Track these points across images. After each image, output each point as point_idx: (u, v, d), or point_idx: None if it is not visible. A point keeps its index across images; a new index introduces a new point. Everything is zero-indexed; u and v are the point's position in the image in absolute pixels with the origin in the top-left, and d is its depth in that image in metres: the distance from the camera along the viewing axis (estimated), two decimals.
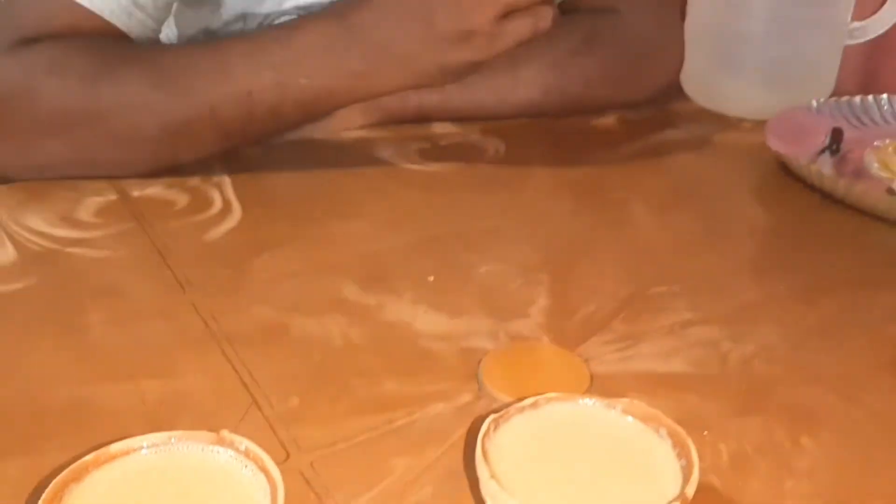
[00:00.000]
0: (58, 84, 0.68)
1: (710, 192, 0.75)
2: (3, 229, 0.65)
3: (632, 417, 0.40)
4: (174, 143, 0.70)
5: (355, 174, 0.77)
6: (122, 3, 0.72)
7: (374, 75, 0.67)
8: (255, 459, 0.36)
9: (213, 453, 0.37)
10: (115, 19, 0.72)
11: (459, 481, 0.43)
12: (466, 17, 0.63)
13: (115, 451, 0.37)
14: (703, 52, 0.94)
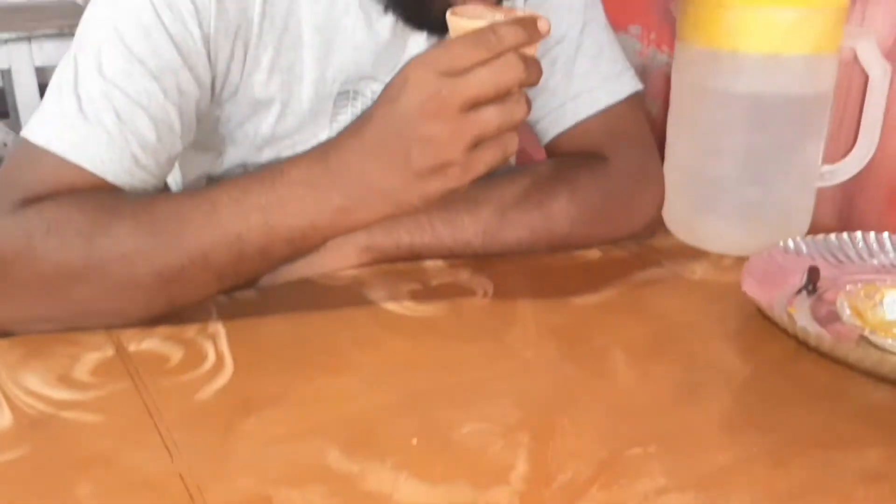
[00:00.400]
0: (57, 243, 0.70)
1: (690, 338, 0.76)
2: (2, 391, 0.66)
3: None
4: (169, 289, 0.72)
5: (346, 321, 0.78)
6: (124, 165, 0.74)
7: (357, 209, 0.70)
8: None
9: None
10: (118, 180, 0.74)
11: None
12: (440, 152, 0.66)
13: None
14: (681, 193, 0.96)
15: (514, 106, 0.66)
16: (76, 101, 0.73)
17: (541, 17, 0.66)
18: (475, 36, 0.64)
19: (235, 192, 0.71)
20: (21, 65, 2.02)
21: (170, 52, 0.75)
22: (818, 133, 0.92)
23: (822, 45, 0.87)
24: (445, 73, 0.64)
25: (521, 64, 0.64)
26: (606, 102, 0.95)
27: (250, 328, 0.76)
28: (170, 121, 0.76)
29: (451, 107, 0.64)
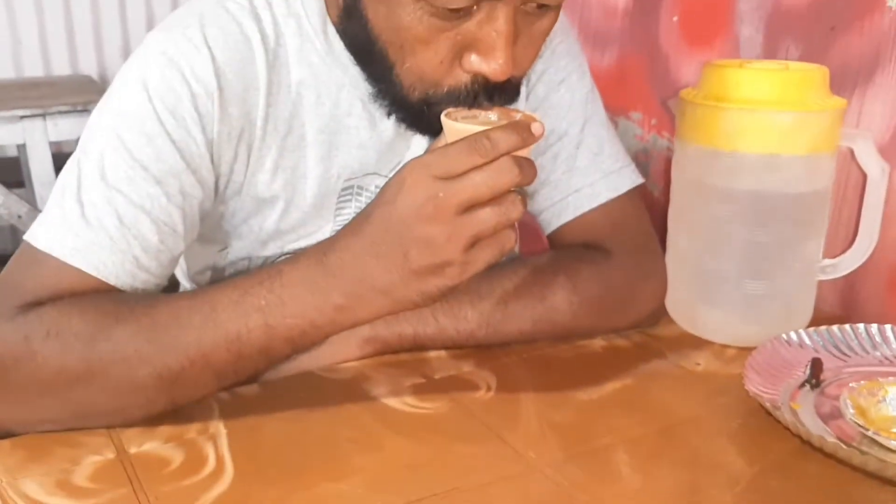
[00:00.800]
0: (57, 348, 0.69)
1: (694, 437, 0.74)
2: (2, 498, 0.64)
3: None
4: (169, 389, 0.71)
5: (348, 419, 0.77)
6: (126, 268, 0.74)
7: (357, 307, 0.70)
8: None
9: None
10: (121, 283, 0.74)
11: None
12: (438, 252, 0.66)
13: None
14: (683, 284, 0.95)
15: (510, 206, 0.66)
16: (79, 206, 0.73)
17: (535, 122, 0.66)
18: (470, 141, 0.65)
19: (235, 294, 0.70)
20: (36, 140, 2.03)
21: (173, 157, 0.75)
22: (818, 228, 0.92)
23: (820, 145, 0.87)
24: (441, 177, 0.65)
25: (514, 167, 0.64)
26: (607, 196, 0.94)
27: (251, 428, 0.74)
28: (172, 223, 0.76)
29: (447, 209, 0.65)
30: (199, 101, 0.76)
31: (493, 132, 0.65)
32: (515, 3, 0.70)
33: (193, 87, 0.76)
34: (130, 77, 0.77)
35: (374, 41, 0.75)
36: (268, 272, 0.71)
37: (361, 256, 0.68)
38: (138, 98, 0.75)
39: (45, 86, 2.38)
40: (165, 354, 0.70)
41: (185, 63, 0.76)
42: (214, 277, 0.94)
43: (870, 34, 0.97)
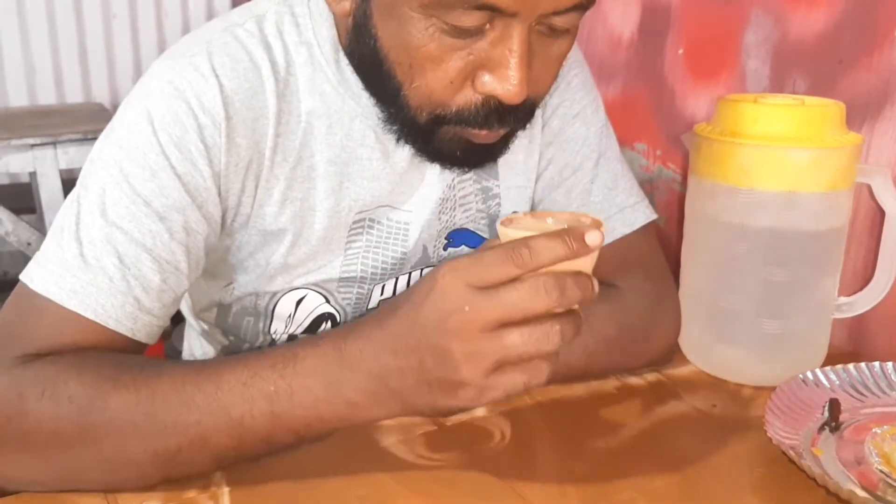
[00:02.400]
0: (51, 411, 0.64)
1: (715, 487, 0.69)
2: None
3: None
4: (164, 467, 0.66)
5: (356, 475, 0.70)
6: (126, 310, 0.69)
7: (369, 406, 0.63)
8: None
9: None
10: (121, 327, 0.69)
11: None
12: (454, 370, 0.59)
13: None
14: (698, 321, 0.90)
15: (544, 335, 0.57)
16: (77, 245, 0.68)
17: (591, 230, 0.58)
18: (508, 249, 0.57)
19: (244, 375, 0.64)
20: (46, 168, 1.98)
21: (177, 192, 0.70)
22: (834, 266, 0.87)
23: (838, 182, 0.82)
24: (474, 286, 0.58)
25: (555, 288, 0.57)
26: (622, 232, 0.89)
27: (256, 486, 0.68)
28: (175, 261, 0.71)
29: (472, 327, 0.58)
30: (205, 132, 0.71)
31: (534, 240, 0.57)
32: (530, 22, 0.64)
33: (200, 118, 0.70)
34: (134, 107, 0.71)
35: (381, 61, 0.70)
36: (282, 355, 0.65)
37: (380, 348, 0.62)
38: (142, 130, 0.70)
39: (57, 114, 2.33)
40: (163, 433, 0.64)
41: (191, 93, 0.71)
42: (220, 314, 0.88)
43: (878, 68, 0.93)
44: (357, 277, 0.85)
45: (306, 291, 0.85)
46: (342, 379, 0.62)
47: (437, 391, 0.61)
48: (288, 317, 0.86)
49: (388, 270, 0.86)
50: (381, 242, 0.85)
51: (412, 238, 0.86)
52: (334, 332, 0.65)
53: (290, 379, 0.63)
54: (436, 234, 0.87)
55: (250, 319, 0.87)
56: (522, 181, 0.91)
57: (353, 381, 0.62)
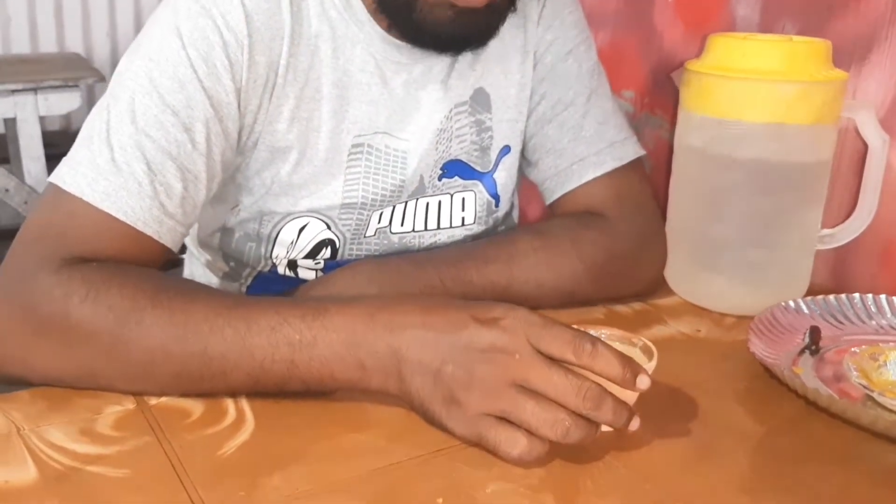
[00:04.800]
0: (90, 314, 0.68)
1: (701, 398, 0.74)
2: (25, 444, 0.63)
3: None
4: (182, 388, 0.70)
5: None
6: (153, 214, 0.73)
7: (373, 376, 0.67)
8: None
9: None
10: (148, 229, 0.74)
11: None
12: (466, 390, 0.63)
13: None
14: (684, 253, 0.95)
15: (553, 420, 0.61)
16: (108, 150, 0.73)
17: (643, 376, 0.62)
18: (576, 335, 0.62)
19: (274, 320, 0.67)
20: (26, 114, 2.00)
21: (203, 105, 0.75)
22: (818, 198, 0.92)
23: (823, 116, 0.87)
24: (533, 343, 0.62)
25: (593, 400, 0.61)
26: (612, 165, 0.94)
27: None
28: (196, 171, 0.76)
29: (509, 372, 0.62)
30: (230, 49, 0.76)
31: (602, 344, 0.62)
32: None
33: (225, 35, 0.76)
34: (163, 24, 0.76)
35: None
36: (313, 307, 0.68)
37: (410, 333, 0.65)
38: (172, 45, 0.75)
39: (35, 62, 2.35)
40: (188, 359, 0.68)
41: (216, 11, 0.76)
42: (224, 239, 0.93)
43: (865, 13, 0.98)
44: (357, 203, 0.89)
45: (308, 219, 0.89)
46: (363, 341, 0.66)
47: (437, 396, 0.64)
48: (290, 243, 0.91)
49: (387, 198, 0.91)
50: (381, 169, 0.90)
51: (410, 167, 0.91)
52: (370, 299, 0.69)
53: (317, 331, 0.67)
54: (432, 163, 0.92)
55: (252, 245, 0.92)
56: (514, 115, 0.96)
57: (371, 346, 0.66)
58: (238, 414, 0.68)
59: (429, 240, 0.96)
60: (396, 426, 0.68)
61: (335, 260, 0.92)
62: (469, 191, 0.96)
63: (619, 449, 0.66)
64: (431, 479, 0.61)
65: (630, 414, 0.62)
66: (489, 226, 0.99)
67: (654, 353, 0.69)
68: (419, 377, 0.65)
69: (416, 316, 0.66)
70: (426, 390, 0.65)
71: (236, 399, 0.70)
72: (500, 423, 0.63)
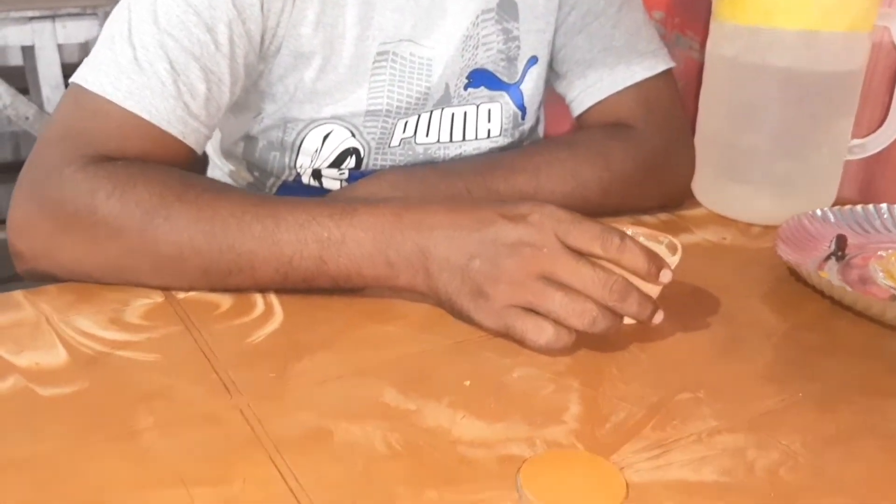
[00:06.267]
0: (118, 209, 0.69)
1: (726, 298, 0.75)
2: (54, 330, 0.65)
3: None
4: (211, 283, 0.71)
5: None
6: (177, 114, 0.74)
7: (401, 273, 0.67)
8: None
9: None
10: (172, 129, 0.74)
11: None
12: (493, 283, 0.64)
13: None
14: (712, 163, 0.95)
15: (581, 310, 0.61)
16: (131, 50, 0.73)
17: (666, 269, 0.63)
18: (604, 229, 0.63)
19: (302, 217, 0.68)
20: (44, 42, 2.00)
21: (225, 5, 0.75)
22: (850, 108, 0.92)
23: (858, 23, 0.86)
24: (561, 238, 0.63)
25: (618, 292, 0.61)
26: (643, 76, 0.94)
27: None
28: (220, 72, 0.76)
29: (536, 265, 0.63)
30: None
31: (630, 239, 0.63)
32: None
33: None
34: None
35: None
36: (341, 206, 0.69)
37: (438, 231, 0.66)
38: None
39: None
40: (217, 254, 0.69)
41: None
42: (247, 148, 0.93)
43: None
44: (382, 111, 0.90)
45: (333, 126, 0.90)
46: (391, 239, 0.67)
47: (465, 290, 0.65)
48: (314, 151, 0.91)
49: (413, 106, 0.91)
50: (406, 76, 0.90)
51: (436, 74, 0.90)
52: (398, 200, 0.70)
53: (345, 229, 0.67)
54: (458, 71, 0.92)
55: (276, 154, 0.92)
56: (542, 25, 0.95)
57: (399, 244, 0.67)
58: (266, 307, 0.70)
59: (454, 152, 0.97)
60: (423, 318, 0.69)
61: (360, 170, 0.93)
62: (495, 102, 0.96)
63: (644, 341, 0.67)
64: (459, 365, 0.63)
65: (654, 307, 0.63)
66: (515, 139, 1.00)
67: (679, 249, 0.69)
68: (446, 273, 0.66)
69: (444, 215, 0.67)
70: (453, 285, 0.66)
71: (265, 294, 0.71)
72: (526, 313, 0.63)
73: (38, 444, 0.52)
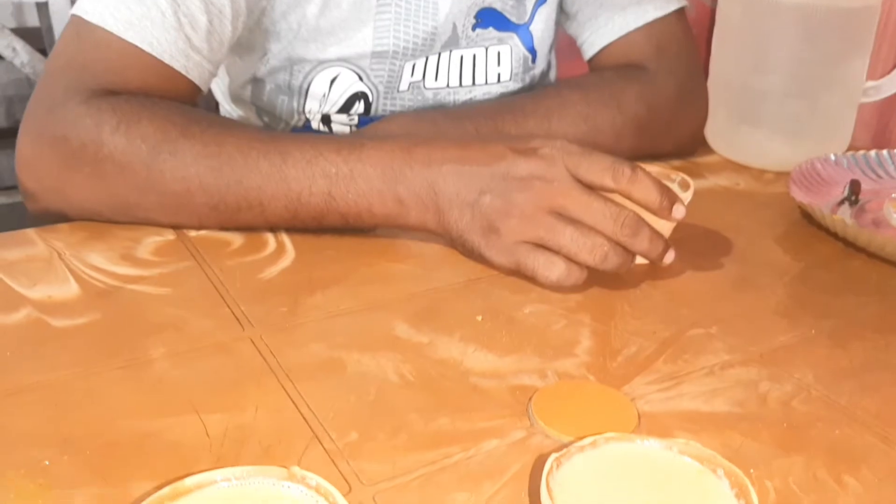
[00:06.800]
0: (123, 143, 0.68)
1: (739, 239, 0.74)
2: (66, 266, 0.65)
3: (689, 458, 0.39)
4: (220, 220, 0.70)
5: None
6: (179, 47, 0.73)
7: (412, 210, 0.66)
8: (325, 495, 0.36)
9: (284, 488, 0.36)
10: (175, 62, 0.73)
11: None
12: (504, 217, 0.63)
13: (190, 485, 0.36)
14: (726, 107, 0.94)
15: (592, 245, 0.61)
16: None
17: (678, 205, 0.62)
18: (614, 161, 0.62)
19: (309, 153, 0.67)
20: None
21: None
22: (864, 47, 0.90)
23: None
24: (572, 171, 0.62)
25: (630, 227, 0.61)
26: (654, 15, 0.92)
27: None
28: (220, 4, 0.74)
29: (547, 199, 0.61)
30: None
31: (641, 171, 0.61)
32: None
33: None
34: None
35: None
36: (349, 141, 0.68)
37: (448, 166, 0.65)
38: None
39: None
40: (225, 190, 0.67)
41: None
42: (255, 91, 0.92)
43: None
44: (389, 52, 0.88)
45: (340, 69, 0.88)
46: (400, 175, 0.65)
47: (475, 227, 0.64)
48: (322, 96, 0.90)
49: (419, 47, 0.90)
50: (411, 15, 0.88)
51: (442, 13, 0.89)
52: (406, 137, 0.69)
53: (353, 165, 0.66)
54: (465, 10, 0.90)
55: (284, 98, 0.91)
56: None
57: (409, 181, 0.65)
58: (278, 245, 0.69)
59: (464, 97, 0.95)
60: (435, 257, 0.69)
61: (368, 116, 0.92)
62: (504, 44, 0.95)
63: (656, 279, 0.66)
64: (471, 302, 0.62)
65: (665, 245, 0.62)
66: (526, 84, 0.98)
67: (691, 186, 0.68)
68: (457, 209, 0.65)
69: (454, 150, 0.66)
70: (464, 221, 0.65)
71: (276, 233, 0.71)
72: (538, 248, 0.63)
73: (51, 371, 0.52)
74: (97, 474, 0.44)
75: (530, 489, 0.43)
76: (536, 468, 0.44)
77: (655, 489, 0.38)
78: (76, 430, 0.47)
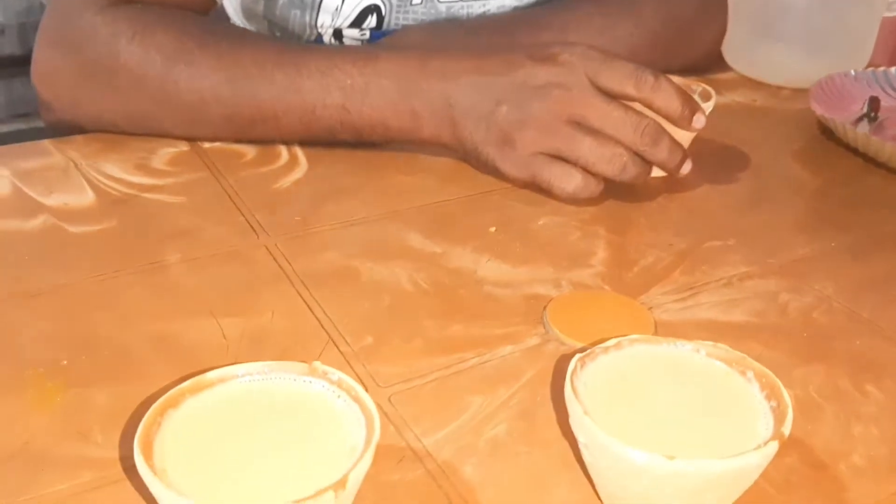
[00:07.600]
0: (138, 54, 0.66)
1: (757, 154, 0.72)
2: (83, 175, 0.64)
3: (717, 360, 0.38)
4: (235, 132, 0.69)
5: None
6: None
7: (426, 123, 0.64)
8: (347, 390, 0.35)
9: (306, 383, 0.36)
10: None
11: (532, 419, 0.42)
12: (520, 128, 0.61)
13: (212, 379, 0.35)
14: (745, 21, 0.91)
15: (611, 155, 0.59)
16: None
17: (699, 114, 0.60)
18: (637, 68, 0.59)
19: (323, 64, 0.65)
20: None
21: None
22: None
23: None
24: (592, 79, 0.59)
25: (650, 135, 0.59)
26: None
27: None
28: None
29: (566, 108, 0.59)
30: None
31: (664, 78, 0.59)
32: None
33: None
34: None
35: None
36: (365, 53, 0.66)
37: (464, 77, 0.62)
38: None
39: None
40: (239, 102, 0.66)
41: None
42: (268, 6, 0.90)
43: None
44: None
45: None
46: (416, 88, 0.63)
47: (491, 139, 0.62)
48: (335, 9, 0.88)
49: None
50: None
51: None
52: (422, 49, 0.66)
53: (368, 77, 0.64)
54: None
55: (297, 12, 0.89)
56: None
57: (425, 93, 0.63)
58: (291, 157, 0.68)
59: (477, 10, 0.93)
60: (448, 170, 0.67)
61: (380, 30, 0.90)
62: None
63: (672, 192, 0.65)
64: (484, 213, 0.61)
65: (684, 156, 0.61)
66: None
67: (713, 96, 0.67)
68: (472, 121, 0.63)
69: (470, 61, 0.64)
70: (479, 134, 0.63)
71: (289, 146, 0.69)
72: (554, 160, 0.61)
73: (68, 274, 0.51)
74: (115, 373, 0.43)
75: (553, 391, 0.42)
76: (558, 371, 0.44)
77: (684, 391, 0.37)
78: (93, 331, 0.47)
